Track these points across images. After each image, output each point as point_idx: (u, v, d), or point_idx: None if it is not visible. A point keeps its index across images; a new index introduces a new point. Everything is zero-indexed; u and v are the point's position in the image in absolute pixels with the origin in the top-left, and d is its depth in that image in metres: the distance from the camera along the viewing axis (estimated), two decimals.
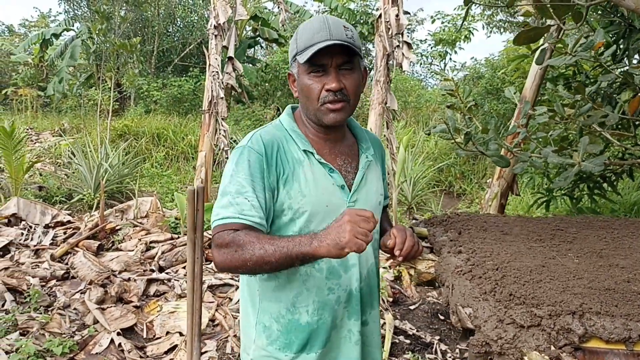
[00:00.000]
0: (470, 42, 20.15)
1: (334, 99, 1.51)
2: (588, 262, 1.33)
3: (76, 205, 7.49)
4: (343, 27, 1.51)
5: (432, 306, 4.51)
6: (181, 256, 5.20)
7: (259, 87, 15.54)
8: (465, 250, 1.44)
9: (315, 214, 1.55)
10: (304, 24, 1.57)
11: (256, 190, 1.48)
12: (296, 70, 1.58)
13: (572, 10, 2.37)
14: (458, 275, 1.24)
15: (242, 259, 1.39)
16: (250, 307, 1.66)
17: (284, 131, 1.63)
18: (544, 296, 1.10)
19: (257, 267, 1.39)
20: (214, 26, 6.06)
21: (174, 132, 11.77)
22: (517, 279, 1.19)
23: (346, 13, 17.62)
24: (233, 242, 1.41)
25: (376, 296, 1.74)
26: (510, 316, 1.04)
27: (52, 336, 3.67)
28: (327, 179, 1.58)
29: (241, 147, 1.56)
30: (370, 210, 1.64)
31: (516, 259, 1.34)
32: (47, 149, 10.72)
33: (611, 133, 3.27)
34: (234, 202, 1.47)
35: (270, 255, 1.35)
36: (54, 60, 14.27)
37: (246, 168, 1.50)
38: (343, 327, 1.63)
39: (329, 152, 1.63)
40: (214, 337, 3.92)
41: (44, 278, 4.61)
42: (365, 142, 1.73)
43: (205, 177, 6.00)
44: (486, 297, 1.14)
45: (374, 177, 1.71)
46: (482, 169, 10.45)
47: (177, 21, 17.19)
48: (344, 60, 1.51)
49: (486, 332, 1.01)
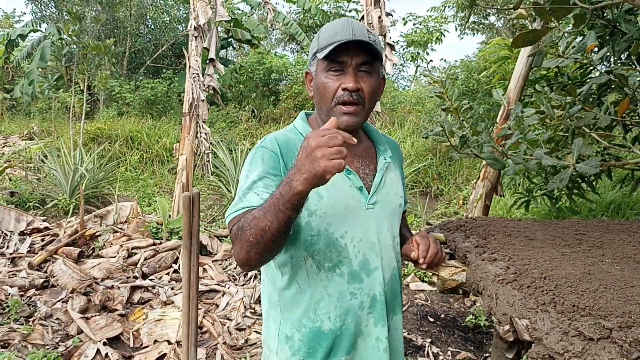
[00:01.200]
0: (441, 44, 20.39)
1: (349, 100, 1.48)
2: (629, 268, 1.33)
3: (51, 211, 7.28)
4: (367, 30, 1.49)
5: (421, 308, 4.52)
6: (164, 262, 5.10)
7: (233, 89, 15.40)
8: (501, 258, 1.43)
9: (332, 215, 1.52)
10: (327, 24, 1.55)
11: (268, 186, 1.43)
12: (314, 69, 1.55)
13: (570, 13, 2.38)
14: (501, 284, 1.22)
15: (246, 240, 1.32)
16: (272, 318, 1.63)
17: (298, 134, 1.60)
18: (608, 306, 1.09)
19: (260, 241, 1.30)
20: (194, 27, 5.96)
21: (148, 135, 11.56)
22: (573, 289, 1.18)
23: (319, 14, 17.61)
24: (238, 230, 1.36)
25: (399, 301, 1.70)
26: (577, 328, 1.02)
27: (35, 348, 3.55)
28: (344, 181, 1.55)
29: (256, 147, 1.54)
30: (389, 213, 1.62)
31: (557, 266, 1.33)
32: (16, 153, 10.42)
33: (599, 134, 3.31)
34: (244, 198, 1.43)
35: (262, 219, 1.28)
36: (20, 61, 13.91)
37: (260, 165, 1.48)
38: (370, 334, 1.58)
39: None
40: (203, 345, 3.85)
41: (22, 287, 4.47)
42: (383, 145, 1.71)
43: (187, 181, 5.90)
44: (545, 308, 1.12)
45: (393, 180, 1.68)
46: (458, 170, 10.54)
47: (149, 22, 16.91)
48: (363, 60, 1.49)
49: (549, 345, 0.99)
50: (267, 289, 1.64)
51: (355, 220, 1.54)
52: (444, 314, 4.48)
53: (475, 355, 3.79)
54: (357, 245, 1.54)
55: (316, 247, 1.51)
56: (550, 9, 2.41)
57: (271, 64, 15.19)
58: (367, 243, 1.56)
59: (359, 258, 1.54)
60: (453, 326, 4.26)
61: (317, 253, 1.52)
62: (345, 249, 1.53)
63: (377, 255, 1.57)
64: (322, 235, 1.51)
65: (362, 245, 1.55)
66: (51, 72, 14.73)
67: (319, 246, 1.51)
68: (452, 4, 17.47)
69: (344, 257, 1.52)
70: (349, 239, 1.53)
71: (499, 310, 1.24)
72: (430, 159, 10.65)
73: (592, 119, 3.09)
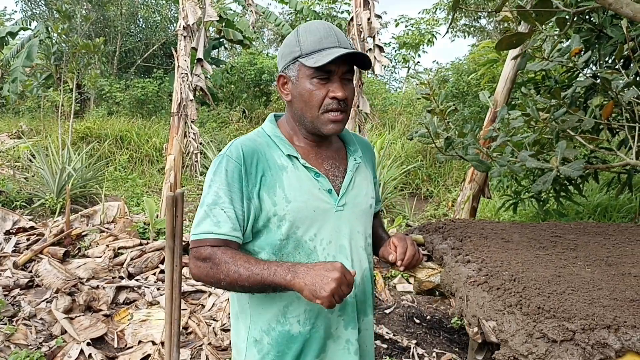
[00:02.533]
0: (434, 46, 20.45)
1: (337, 108, 1.49)
2: (600, 271, 1.34)
3: (38, 210, 7.23)
4: (344, 36, 1.50)
5: (407, 310, 4.52)
6: (151, 262, 5.07)
7: (224, 89, 15.37)
8: (474, 260, 1.43)
9: (302, 219, 1.51)
10: (304, 26, 1.53)
11: (233, 200, 1.47)
12: (294, 73, 1.52)
13: (554, 16, 2.39)
14: (472, 286, 1.22)
15: (216, 277, 1.42)
16: (241, 321, 1.62)
17: (267, 137, 1.59)
18: (573, 309, 1.09)
19: (230, 287, 1.42)
20: (183, 27, 5.94)
21: (137, 135, 11.52)
22: (540, 291, 1.18)
23: (311, 15, 17.61)
24: (209, 259, 1.43)
25: (370, 302, 1.70)
26: (541, 330, 1.02)
27: (18, 348, 3.52)
28: (313, 184, 1.54)
29: (220, 156, 1.54)
30: (360, 214, 1.62)
31: (528, 268, 1.33)
32: (4, 151, 10.34)
33: (584, 137, 3.32)
34: (210, 213, 1.47)
35: (244, 280, 1.38)
36: (10, 60, 13.79)
37: (223, 177, 1.48)
38: (340, 337, 1.58)
39: (314, 157, 1.60)
40: (188, 346, 3.83)
41: (6, 287, 4.42)
42: (353, 145, 1.70)
43: (175, 181, 5.88)
44: (512, 310, 1.12)
45: (364, 181, 1.68)
46: (448, 172, 10.57)
47: (139, 21, 16.85)
48: (347, 69, 1.50)
49: (514, 347, 0.99)
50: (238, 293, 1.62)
51: (324, 223, 1.54)
52: (430, 315, 4.48)
53: (460, 356, 3.80)
54: (326, 248, 1.54)
55: (285, 251, 1.51)
56: (534, 13, 2.42)
57: (262, 64, 15.18)
58: (336, 245, 1.56)
59: (328, 260, 1.54)
60: (439, 327, 4.27)
61: (286, 256, 1.51)
62: (315, 252, 1.53)
63: (347, 257, 1.56)
64: (291, 238, 1.51)
65: (331, 248, 1.55)
66: (40, 70, 14.63)
67: (288, 249, 1.52)
68: (443, 7, 17.53)
69: (312, 260, 1.52)
70: (318, 241, 1.53)
71: (469, 312, 1.25)
72: (420, 161, 10.69)
73: (577, 122, 3.10)
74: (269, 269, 1.36)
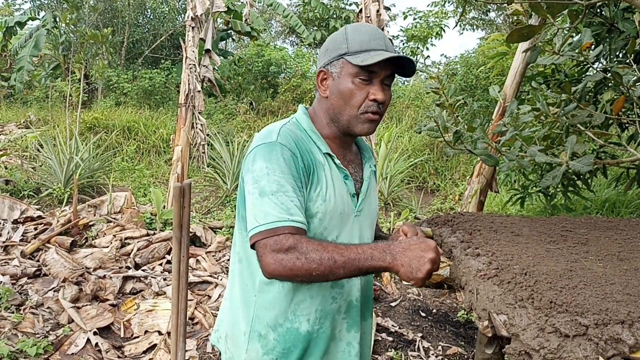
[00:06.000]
0: (442, 39, 20.33)
1: (377, 111, 1.48)
2: (612, 265, 1.33)
3: (45, 200, 7.26)
4: (391, 42, 1.51)
5: (413, 303, 4.52)
6: (157, 253, 5.09)
7: (232, 81, 15.35)
8: (484, 253, 1.42)
9: (329, 220, 1.49)
10: (353, 26, 1.52)
11: (295, 189, 1.39)
12: (337, 70, 1.49)
13: (565, 9, 2.37)
14: (482, 280, 1.21)
15: (305, 268, 1.29)
16: (242, 314, 1.58)
17: (303, 131, 1.54)
18: (586, 304, 1.08)
19: (321, 277, 1.31)
20: (191, 18, 5.93)
21: (145, 126, 11.52)
22: (552, 285, 1.17)
23: (320, 7, 17.57)
24: (294, 248, 1.30)
25: (370, 306, 1.71)
26: (553, 325, 1.02)
27: (26, 336, 3.54)
28: (343, 186, 1.53)
29: (270, 142, 1.44)
30: (370, 221, 1.63)
31: (539, 262, 1.32)
32: (12, 141, 10.37)
33: (594, 132, 3.30)
34: (278, 202, 1.35)
35: (339, 267, 1.29)
36: (18, 50, 13.81)
37: (282, 165, 1.40)
38: (342, 339, 1.59)
39: (342, 158, 1.58)
40: (194, 336, 3.84)
41: (14, 276, 4.45)
42: (368, 152, 1.71)
43: (182, 172, 5.89)
44: (523, 304, 1.11)
45: (374, 189, 1.69)
46: (455, 165, 10.53)
47: (147, 12, 16.83)
48: (389, 74, 1.48)
49: (526, 341, 0.98)
50: (243, 285, 1.59)
51: (344, 227, 1.53)
52: (435, 309, 4.48)
53: (465, 350, 3.80)
54: None
55: None
56: (546, 5, 2.40)
57: (270, 56, 15.14)
58: None
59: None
60: (445, 321, 4.26)
61: None
62: None
63: None
64: (316, 237, 1.46)
65: None
66: (48, 60, 14.66)
67: None
68: None
69: None
70: None
71: (479, 306, 1.24)
72: (428, 154, 10.64)
73: (587, 117, 3.08)
74: (364, 252, 1.30)
